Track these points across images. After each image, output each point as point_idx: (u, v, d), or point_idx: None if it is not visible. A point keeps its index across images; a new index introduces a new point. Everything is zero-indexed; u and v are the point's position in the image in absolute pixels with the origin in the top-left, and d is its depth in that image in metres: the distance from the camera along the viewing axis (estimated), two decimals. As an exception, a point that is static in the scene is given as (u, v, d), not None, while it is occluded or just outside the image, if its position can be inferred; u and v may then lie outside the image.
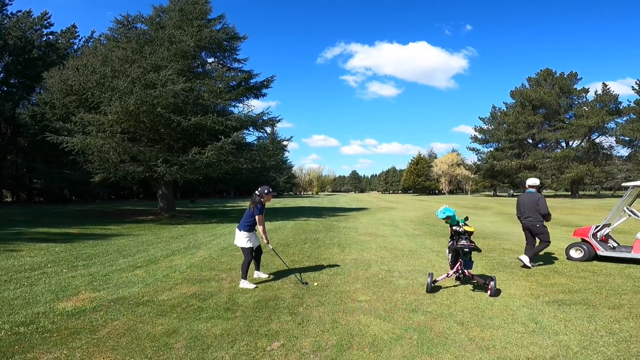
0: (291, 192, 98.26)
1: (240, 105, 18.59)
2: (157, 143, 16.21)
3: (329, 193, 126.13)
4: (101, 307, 4.13)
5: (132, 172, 15.26)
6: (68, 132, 15.34)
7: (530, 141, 56.07)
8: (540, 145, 55.48)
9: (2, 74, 30.26)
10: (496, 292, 4.75)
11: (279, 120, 18.67)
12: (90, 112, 14.80)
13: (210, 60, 18.88)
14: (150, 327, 3.59)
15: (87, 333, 3.41)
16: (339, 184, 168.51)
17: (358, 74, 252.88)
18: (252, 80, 18.76)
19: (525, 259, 6.34)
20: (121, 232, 11.71)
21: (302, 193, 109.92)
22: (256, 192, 5.31)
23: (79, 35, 34.82)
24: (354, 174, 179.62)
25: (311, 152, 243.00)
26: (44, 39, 31.69)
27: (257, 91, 19.05)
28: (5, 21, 29.02)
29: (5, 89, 30.96)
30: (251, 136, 49.21)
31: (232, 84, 17.81)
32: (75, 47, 33.52)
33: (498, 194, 70.53)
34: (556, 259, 7.13)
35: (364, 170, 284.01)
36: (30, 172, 32.39)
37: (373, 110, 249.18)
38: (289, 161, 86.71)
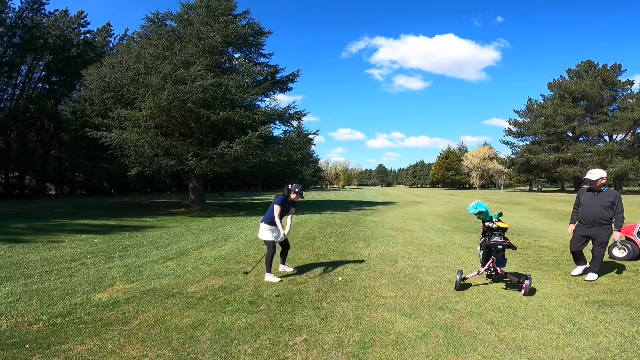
0: (317, 186, 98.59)
1: (267, 99, 18.81)
2: (188, 137, 16.69)
3: (356, 187, 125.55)
4: (134, 299, 4.28)
5: (165, 166, 15.81)
6: (106, 128, 16.03)
7: (570, 134, 53.25)
8: (581, 139, 52.58)
9: (43, 72, 31.99)
10: (531, 291, 4.53)
11: (305, 114, 18.70)
12: (126, 107, 15.41)
13: (236, 55, 19.16)
14: (178, 319, 3.69)
15: (120, 324, 3.54)
16: (366, 178, 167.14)
17: (384, 67, 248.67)
18: (278, 75, 18.87)
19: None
20: (155, 224, 12.17)
21: (328, 186, 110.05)
22: (289, 185, 5.36)
23: (113, 34, 36.41)
24: (381, 167, 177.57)
25: (337, 146, 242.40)
26: (82, 37, 33.22)
27: (283, 85, 19.14)
28: (44, 20, 30.47)
29: (47, 86, 32.78)
30: (278, 130, 49.72)
31: (258, 78, 18.00)
32: (111, 45, 34.98)
33: (534, 188, 67.61)
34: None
35: (391, 164, 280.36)
36: (73, 166, 34.33)
37: (400, 104, 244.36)
38: (315, 155, 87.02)
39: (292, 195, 5.29)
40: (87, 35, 34.11)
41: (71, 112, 22.82)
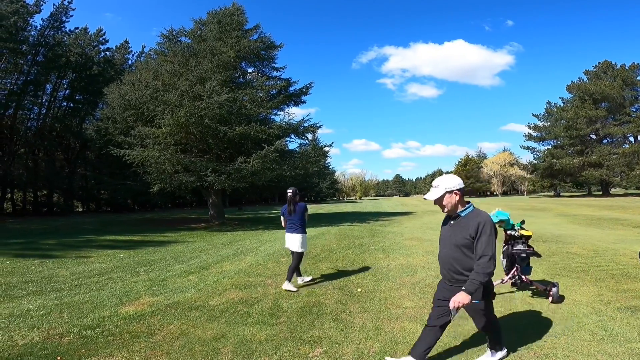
0: (334, 198, 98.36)
1: (281, 113, 19.04)
2: (206, 153, 17.07)
3: (373, 197, 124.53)
4: (158, 312, 4.38)
5: (185, 182, 16.15)
6: (129, 146, 16.54)
7: (594, 137, 51.58)
8: (605, 141, 50.85)
9: (67, 91, 32.84)
10: (559, 299, 4.40)
11: (319, 127, 18.85)
12: (147, 125, 15.89)
13: (250, 70, 19.58)
14: (200, 331, 3.76)
15: (146, 337, 3.63)
16: (383, 188, 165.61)
17: (395, 76, 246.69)
18: (291, 88, 19.12)
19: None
20: (177, 239, 12.42)
21: (345, 198, 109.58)
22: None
23: (131, 51, 37.12)
24: (398, 177, 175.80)
25: (352, 157, 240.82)
26: (102, 55, 33.97)
27: (296, 98, 19.39)
28: (65, 38, 31.12)
29: (72, 105, 33.78)
30: (293, 143, 49.97)
31: (272, 92, 18.33)
32: (130, 62, 35.75)
33: (561, 194, 65.36)
34: (629, 262, 6.45)
35: (408, 174, 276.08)
36: (98, 184, 35.34)
37: (414, 112, 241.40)
38: (331, 167, 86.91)
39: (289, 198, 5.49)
40: (107, 52, 34.76)
41: (95, 131, 23.48)
